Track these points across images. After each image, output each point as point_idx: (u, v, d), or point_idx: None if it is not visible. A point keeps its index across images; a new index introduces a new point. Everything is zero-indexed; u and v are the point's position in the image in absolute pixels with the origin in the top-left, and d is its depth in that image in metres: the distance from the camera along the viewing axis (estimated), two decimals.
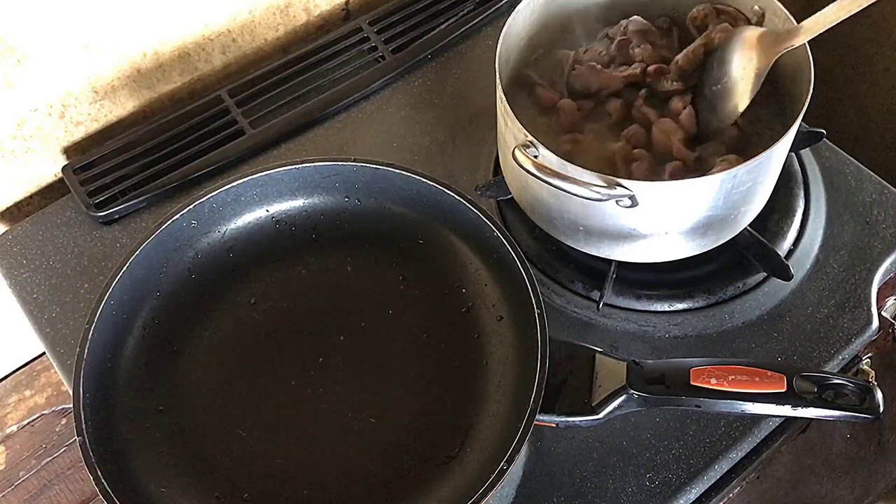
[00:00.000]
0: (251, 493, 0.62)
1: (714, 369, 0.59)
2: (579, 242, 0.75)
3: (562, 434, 0.72)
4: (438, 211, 0.71)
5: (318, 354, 0.68)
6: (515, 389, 0.64)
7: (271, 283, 0.72)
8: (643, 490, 0.70)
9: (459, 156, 0.89)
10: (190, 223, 0.70)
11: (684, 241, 0.72)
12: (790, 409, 0.58)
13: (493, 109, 0.74)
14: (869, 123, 1.25)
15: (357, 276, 0.72)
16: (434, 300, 0.70)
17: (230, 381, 0.67)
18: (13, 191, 0.91)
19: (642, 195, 0.65)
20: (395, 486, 0.62)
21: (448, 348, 0.68)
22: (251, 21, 0.95)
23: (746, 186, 0.68)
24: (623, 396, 0.60)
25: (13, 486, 1.17)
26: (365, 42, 0.98)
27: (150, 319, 0.68)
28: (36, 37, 0.81)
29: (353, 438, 0.64)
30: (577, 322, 0.78)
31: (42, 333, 0.81)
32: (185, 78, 0.95)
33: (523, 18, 0.76)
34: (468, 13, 0.99)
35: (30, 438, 1.17)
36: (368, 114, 0.93)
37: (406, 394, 0.66)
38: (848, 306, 0.78)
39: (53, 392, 1.15)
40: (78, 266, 0.84)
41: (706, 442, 0.72)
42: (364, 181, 0.72)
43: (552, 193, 0.69)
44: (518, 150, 0.65)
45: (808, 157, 0.86)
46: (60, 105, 0.88)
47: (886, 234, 0.82)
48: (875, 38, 1.17)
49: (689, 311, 0.78)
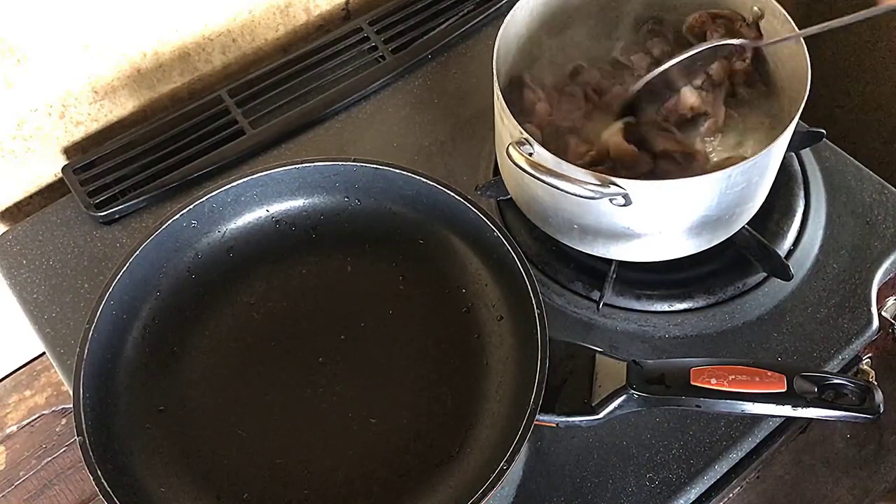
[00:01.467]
0: (251, 493, 0.62)
1: (714, 369, 0.59)
2: (574, 241, 0.75)
3: (562, 434, 0.72)
4: (438, 211, 0.71)
5: (318, 354, 0.68)
6: (515, 389, 0.64)
7: (271, 283, 0.72)
8: (643, 490, 0.70)
9: (459, 156, 0.89)
10: (190, 223, 0.70)
11: (680, 241, 0.72)
12: (790, 409, 0.58)
13: (493, 109, 0.74)
14: (869, 123, 1.25)
15: (357, 276, 0.72)
16: (434, 300, 0.70)
17: (230, 381, 0.67)
18: (13, 191, 0.91)
19: (636, 194, 0.65)
20: (394, 486, 0.62)
21: (448, 348, 0.68)
22: (251, 21, 0.95)
23: (742, 186, 0.68)
24: (623, 396, 0.60)
25: (13, 486, 1.17)
26: (365, 42, 0.98)
27: (150, 319, 0.68)
28: (36, 37, 0.81)
29: (353, 438, 0.64)
30: (577, 322, 0.78)
31: (42, 333, 0.81)
32: (185, 78, 0.95)
33: (522, 17, 0.76)
34: (468, 13, 0.99)
35: (30, 438, 1.17)
36: (368, 114, 0.93)
37: (406, 394, 0.66)
38: (848, 306, 0.78)
39: (53, 392, 1.15)
40: (78, 266, 0.84)
41: (706, 442, 0.72)
42: (364, 181, 0.72)
43: (547, 191, 0.69)
44: (512, 147, 0.65)
45: (808, 157, 0.86)
46: (60, 105, 0.88)
47: (886, 234, 0.82)
48: (875, 39, 1.18)
49: (689, 311, 0.78)
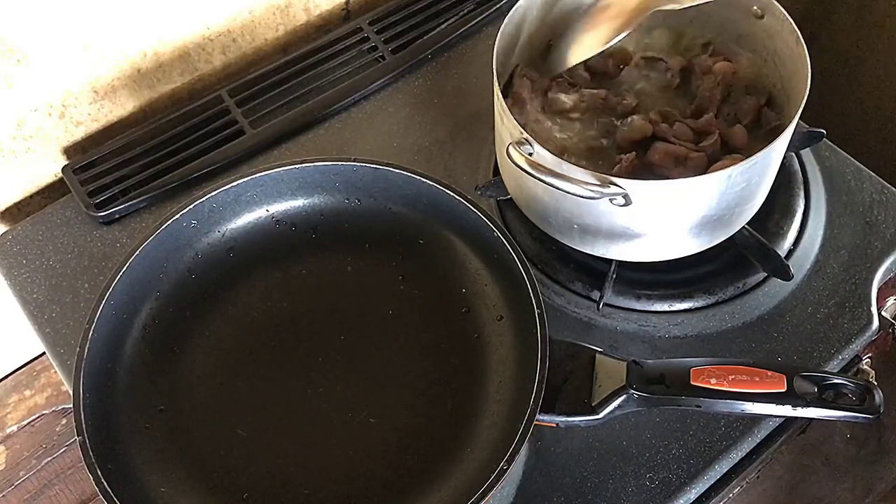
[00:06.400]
0: (251, 493, 0.62)
1: (714, 369, 0.59)
2: (574, 241, 0.75)
3: (562, 434, 0.72)
4: (438, 211, 0.71)
5: (318, 354, 0.68)
6: (515, 389, 0.64)
7: (271, 283, 0.72)
8: (643, 490, 0.70)
9: (459, 156, 0.89)
10: (190, 223, 0.70)
11: (679, 241, 0.72)
12: (790, 409, 0.58)
13: (493, 109, 0.74)
14: (869, 123, 1.25)
15: (357, 276, 0.72)
16: (434, 300, 0.70)
17: (230, 381, 0.67)
18: (13, 191, 0.91)
19: (636, 194, 0.65)
20: (395, 486, 0.63)
21: (448, 348, 0.68)
22: (251, 21, 0.95)
23: (741, 186, 0.68)
24: (623, 396, 0.60)
25: (13, 486, 1.17)
26: (365, 42, 0.98)
27: (150, 319, 0.68)
28: (36, 37, 0.81)
29: (353, 438, 0.64)
30: (577, 322, 0.78)
31: (42, 333, 0.81)
32: (185, 78, 0.95)
33: (522, 16, 0.76)
34: (468, 13, 0.99)
35: (30, 438, 1.17)
36: (368, 114, 0.93)
37: (406, 394, 0.66)
38: (848, 306, 0.78)
39: (53, 392, 1.15)
40: (78, 266, 0.84)
41: (706, 442, 0.72)
42: (364, 181, 0.72)
43: (547, 191, 0.69)
44: (512, 147, 0.65)
45: (808, 157, 0.86)
46: (60, 105, 0.88)
47: (886, 234, 0.82)
48: (874, 39, 1.18)
49: (689, 311, 0.78)
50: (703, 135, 0.72)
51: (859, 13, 1.17)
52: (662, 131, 0.73)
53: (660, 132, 0.73)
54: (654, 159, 0.71)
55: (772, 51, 0.75)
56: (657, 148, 0.72)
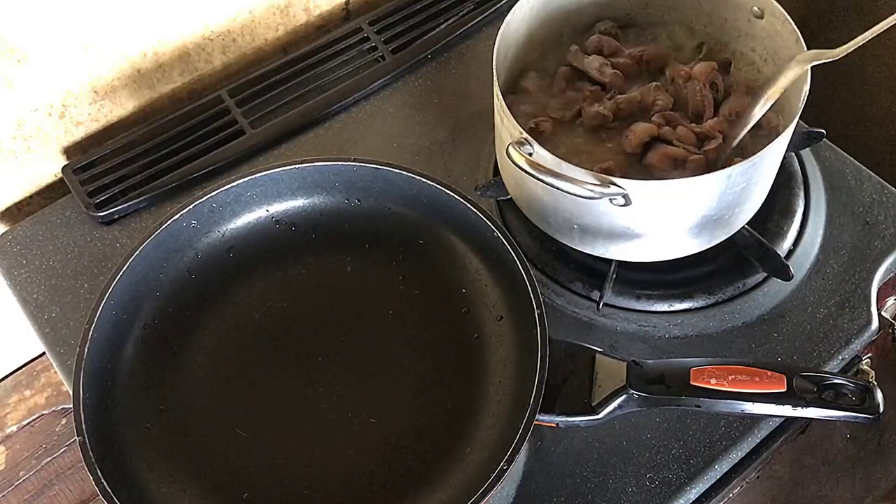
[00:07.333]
0: (251, 493, 0.62)
1: (714, 369, 0.59)
2: (574, 241, 0.75)
3: (562, 434, 0.72)
4: (438, 211, 0.71)
5: (318, 354, 0.68)
6: (515, 389, 0.64)
7: (271, 283, 0.72)
8: (643, 490, 0.70)
9: (459, 156, 0.89)
10: (190, 223, 0.70)
11: (679, 241, 0.72)
12: (790, 409, 0.58)
13: (493, 109, 0.74)
14: (869, 123, 1.25)
15: (357, 276, 0.72)
16: (434, 300, 0.70)
17: (230, 381, 0.67)
18: (13, 191, 0.91)
19: (635, 194, 0.65)
20: (395, 486, 0.63)
21: (448, 348, 0.68)
22: (251, 21, 0.95)
23: (741, 187, 0.68)
24: (623, 396, 0.60)
25: (13, 486, 1.17)
26: (365, 42, 0.98)
27: (150, 319, 0.68)
28: (36, 37, 0.81)
29: (353, 438, 0.64)
30: (577, 322, 0.78)
31: (42, 333, 0.81)
32: (185, 78, 0.95)
33: (522, 16, 0.76)
34: (468, 13, 0.99)
35: (30, 438, 1.17)
36: (368, 114, 0.93)
37: (406, 394, 0.66)
38: (848, 306, 0.78)
39: (53, 392, 1.15)
40: (78, 266, 0.84)
41: (706, 442, 0.72)
42: (364, 181, 0.72)
43: (547, 191, 0.69)
44: (512, 147, 0.65)
45: (808, 157, 0.86)
46: (60, 105, 0.88)
47: (886, 234, 0.82)
48: (874, 39, 1.17)
49: (689, 311, 0.78)
50: (706, 139, 0.72)
51: (859, 13, 1.17)
52: (666, 134, 0.73)
53: (663, 135, 0.73)
54: (653, 161, 0.71)
55: (772, 51, 0.75)
56: (656, 149, 0.72)
